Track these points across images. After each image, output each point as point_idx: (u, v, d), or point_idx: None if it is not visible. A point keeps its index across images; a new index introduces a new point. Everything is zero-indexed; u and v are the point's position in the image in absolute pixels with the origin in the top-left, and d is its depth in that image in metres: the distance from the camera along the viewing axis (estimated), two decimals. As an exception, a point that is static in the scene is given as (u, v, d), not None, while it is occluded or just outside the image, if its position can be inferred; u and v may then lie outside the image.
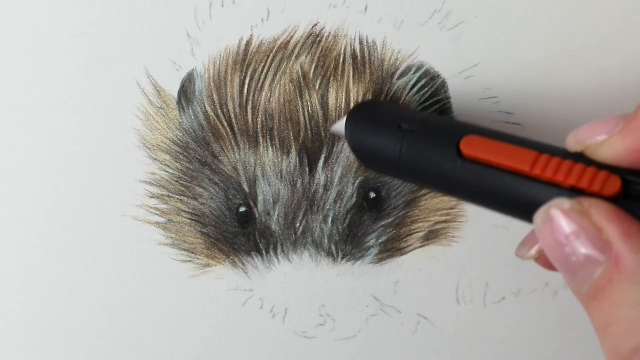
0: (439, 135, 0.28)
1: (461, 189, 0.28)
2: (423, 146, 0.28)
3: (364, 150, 0.30)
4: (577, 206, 0.24)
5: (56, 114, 0.33)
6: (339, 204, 0.34)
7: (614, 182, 0.24)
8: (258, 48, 0.33)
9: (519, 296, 0.36)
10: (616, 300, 0.22)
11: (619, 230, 0.23)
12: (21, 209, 0.34)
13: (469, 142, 0.27)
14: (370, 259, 0.35)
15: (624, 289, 0.22)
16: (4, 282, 0.35)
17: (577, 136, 0.26)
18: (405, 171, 0.29)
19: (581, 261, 0.23)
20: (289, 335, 0.37)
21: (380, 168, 0.32)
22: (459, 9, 0.32)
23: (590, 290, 0.23)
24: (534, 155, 0.26)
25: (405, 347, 0.37)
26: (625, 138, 0.24)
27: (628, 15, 0.33)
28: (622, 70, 0.33)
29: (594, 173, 0.24)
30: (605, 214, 0.23)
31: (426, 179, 0.29)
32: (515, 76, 0.33)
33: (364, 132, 0.30)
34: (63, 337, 0.36)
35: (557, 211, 0.24)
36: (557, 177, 0.25)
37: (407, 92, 0.33)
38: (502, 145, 0.26)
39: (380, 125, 0.30)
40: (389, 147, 0.29)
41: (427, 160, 0.28)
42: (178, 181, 0.34)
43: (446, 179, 0.28)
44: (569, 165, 0.25)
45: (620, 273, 0.22)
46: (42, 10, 0.32)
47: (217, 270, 0.35)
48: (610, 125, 0.25)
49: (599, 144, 0.25)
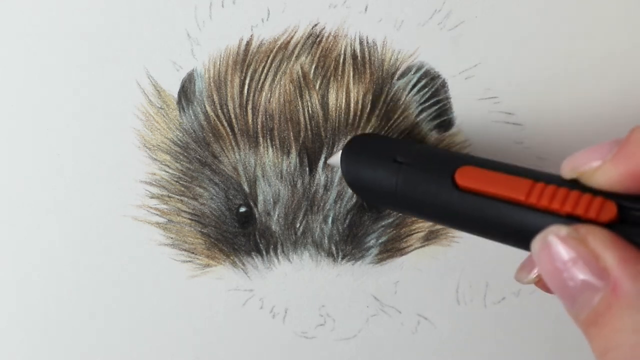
0: (434, 167, 0.28)
1: (458, 219, 0.28)
2: (419, 178, 0.28)
3: (360, 184, 0.31)
4: (574, 233, 0.24)
5: (56, 114, 0.33)
6: (339, 204, 0.34)
7: (610, 207, 0.24)
8: (258, 48, 0.33)
9: (519, 296, 0.36)
10: (615, 326, 0.22)
11: (615, 257, 0.23)
12: (21, 209, 0.34)
13: (463, 172, 0.27)
14: (370, 259, 0.35)
15: (622, 315, 0.22)
16: (4, 282, 0.36)
17: (572, 162, 0.26)
18: (402, 203, 0.30)
19: (579, 287, 0.24)
20: (289, 335, 0.37)
21: (376, 201, 0.32)
22: (459, 9, 0.32)
23: (589, 316, 0.23)
24: (529, 183, 0.26)
25: (405, 347, 0.37)
26: (618, 164, 0.24)
27: (629, 15, 0.33)
28: (622, 70, 0.33)
29: (589, 199, 0.25)
30: (601, 240, 0.23)
31: (423, 210, 0.29)
32: (515, 76, 0.33)
33: (359, 166, 0.30)
34: (63, 337, 0.36)
35: (554, 238, 0.24)
36: (553, 205, 0.25)
37: (407, 92, 0.33)
38: (496, 175, 0.27)
39: (375, 159, 0.30)
40: (385, 180, 0.29)
41: (423, 192, 0.28)
42: (178, 181, 0.34)
43: (442, 210, 0.28)
44: (564, 192, 0.25)
45: (619, 299, 0.22)
46: (42, 10, 0.32)
47: (217, 270, 0.35)
48: (603, 151, 0.25)
49: (594, 170, 0.25)
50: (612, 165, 0.24)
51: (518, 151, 0.34)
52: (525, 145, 0.34)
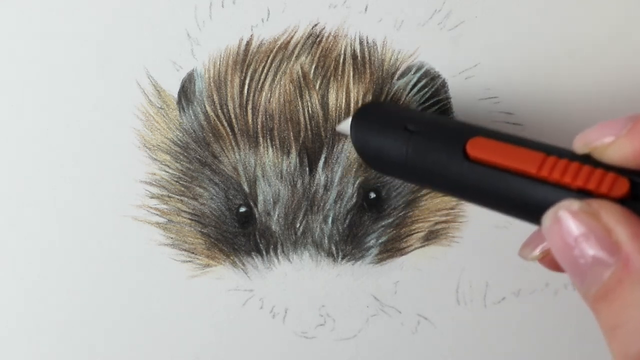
0: (445, 137, 0.28)
1: (467, 190, 0.28)
2: (429, 148, 0.28)
3: (369, 152, 0.30)
4: (586, 207, 0.24)
5: (56, 113, 0.33)
6: (339, 204, 0.34)
7: (622, 183, 0.24)
8: (258, 48, 0.33)
9: (519, 296, 0.36)
10: (625, 301, 0.22)
11: (628, 232, 0.23)
12: (21, 209, 0.34)
13: (475, 144, 0.27)
14: (370, 259, 0.35)
15: (633, 290, 0.22)
16: (4, 282, 0.35)
17: (585, 137, 0.25)
18: (411, 172, 0.29)
19: (590, 263, 0.23)
20: (289, 335, 0.37)
21: (385, 169, 0.31)
22: (459, 9, 0.32)
23: (599, 292, 0.23)
24: (541, 156, 0.26)
25: (405, 347, 0.37)
26: (633, 139, 0.24)
27: (628, 15, 0.32)
28: (622, 70, 0.33)
29: (601, 175, 0.24)
30: (614, 215, 0.23)
31: (432, 180, 0.29)
32: (515, 76, 0.33)
33: (369, 133, 0.30)
34: (63, 336, 0.36)
35: (565, 213, 0.24)
36: (565, 179, 0.25)
37: (407, 92, 0.33)
38: (508, 147, 0.26)
39: (385, 127, 0.29)
40: (395, 148, 0.29)
41: (433, 161, 0.28)
42: (178, 181, 0.34)
43: (452, 180, 0.28)
44: (576, 167, 0.25)
45: (630, 274, 0.22)
46: (42, 10, 0.32)
47: (217, 270, 0.35)
48: (618, 126, 0.25)
49: (607, 145, 0.25)
50: (626, 140, 0.24)
51: (518, 151, 0.34)
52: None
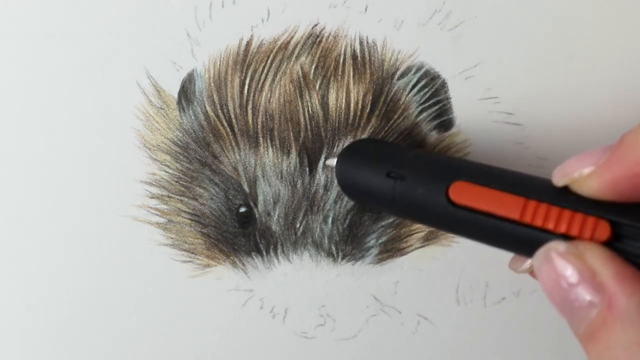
0: (428, 183, 0.28)
1: (454, 230, 0.29)
2: (413, 195, 0.29)
3: (355, 196, 0.32)
4: (572, 249, 0.24)
5: (56, 113, 0.33)
6: (339, 204, 0.34)
7: (603, 227, 0.24)
8: (258, 48, 0.33)
9: (519, 296, 0.36)
10: (609, 341, 0.23)
11: (611, 273, 0.23)
12: (21, 209, 0.34)
13: (457, 189, 0.27)
14: (370, 259, 0.35)
15: (616, 331, 0.23)
16: (4, 282, 0.35)
17: (563, 170, 0.26)
18: (397, 214, 0.31)
19: (581, 304, 0.24)
20: (289, 335, 0.37)
21: (373, 208, 0.34)
22: (459, 9, 0.32)
23: (586, 331, 0.24)
24: (522, 201, 0.26)
25: (405, 347, 0.37)
26: (610, 168, 0.24)
27: (628, 15, 0.33)
28: (622, 70, 0.33)
29: (582, 219, 0.25)
30: (597, 256, 0.24)
31: (419, 220, 0.30)
32: (515, 76, 0.33)
33: (353, 179, 0.31)
34: (63, 336, 0.36)
35: (554, 254, 0.25)
36: (548, 225, 0.25)
37: (407, 92, 0.33)
38: (489, 192, 0.27)
39: (369, 173, 0.30)
40: (379, 195, 0.30)
41: (418, 207, 0.29)
42: (178, 181, 0.34)
43: (438, 222, 0.29)
44: (557, 212, 0.25)
45: (613, 315, 0.23)
46: (42, 10, 0.32)
47: (217, 271, 0.35)
48: (595, 157, 0.25)
49: (585, 177, 0.25)
50: (603, 170, 0.24)
51: (518, 151, 0.34)
52: (525, 145, 0.34)
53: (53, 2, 0.32)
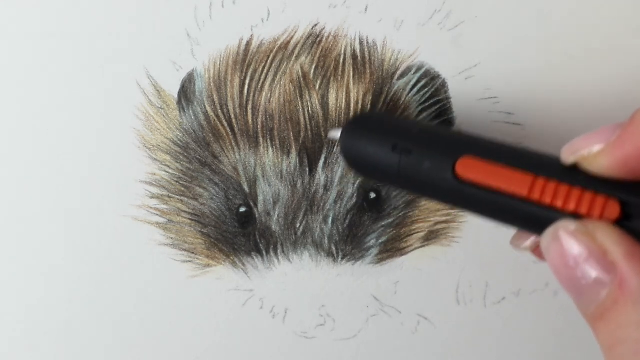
0: (434, 158, 0.28)
1: (460, 205, 0.28)
2: (419, 169, 0.28)
3: (360, 169, 0.31)
4: (583, 228, 0.24)
5: (56, 113, 0.33)
6: (339, 204, 0.34)
7: (613, 206, 0.24)
8: (258, 48, 0.33)
9: (519, 296, 0.36)
10: (621, 320, 0.23)
11: (622, 252, 0.23)
12: (21, 209, 0.34)
13: (464, 164, 0.27)
14: (370, 259, 0.35)
15: (628, 310, 0.22)
16: (4, 282, 0.35)
17: (572, 147, 0.25)
18: (402, 187, 0.30)
19: (590, 283, 0.24)
20: (289, 335, 0.37)
21: (377, 180, 0.33)
22: (459, 9, 0.32)
23: (596, 310, 0.23)
24: (530, 178, 0.26)
25: (405, 347, 0.37)
26: (621, 146, 0.24)
27: (628, 16, 0.33)
28: (622, 70, 0.33)
29: (592, 198, 0.24)
30: (608, 235, 0.23)
31: (424, 194, 0.30)
32: (515, 76, 0.33)
33: (358, 153, 0.30)
34: (63, 336, 0.36)
35: (564, 233, 0.24)
36: (556, 203, 0.25)
37: (407, 92, 0.33)
38: (497, 168, 0.26)
39: (375, 146, 0.29)
40: (385, 168, 0.29)
41: (423, 182, 0.28)
42: (178, 181, 0.34)
43: (444, 197, 0.28)
44: (566, 189, 0.25)
45: (625, 294, 0.23)
46: (42, 10, 0.32)
47: (217, 270, 0.35)
48: (605, 135, 0.24)
49: (595, 154, 0.25)
50: (614, 148, 0.24)
51: (518, 151, 0.34)
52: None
53: (53, 2, 0.32)
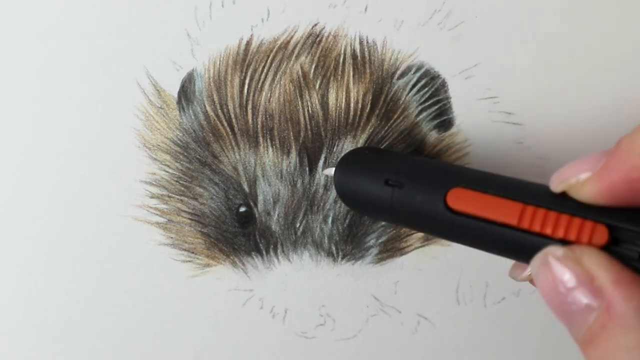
0: (426, 190, 0.28)
1: (453, 237, 0.29)
2: (411, 202, 0.29)
3: (354, 205, 0.31)
4: (570, 254, 0.24)
5: (56, 113, 0.33)
6: (339, 204, 0.34)
7: (601, 231, 0.24)
8: (258, 48, 0.33)
9: (519, 296, 0.36)
10: (609, 345, 0.23)
11: (609, 277, 0.23)
12: (21, 209, 0.34)
13: (455, 195, 0.27)
14: (370, 259, 0.35)
15: (616, 335, 0.23)
16: (4, 282, 0.35)
17: (561, 176, 0.26)
18: (396, 222, 0.31)
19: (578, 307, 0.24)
20: (289, 335, 0.37)
21: (371, 217, 0.34)
22: (459, 9, 0.32)
23: (585, 335, 0.24)
24: (520, 207, 0.26)
25: (405, 347, 0.37)
26: (607, 173, 0.24)
27: (628, 15, 0.33)
28: (622, 70, 0.33)
29: (580, 224, 0.25)
30: (595, 260, 0.24)
31: (417, 227, 0.30)
32: (515, 76, 0.33)
33: (352, 188, 0.31)
34: (63, 336, 0.36)
35: (552, 258, 0.24)
36: (545, 230, 0.25)
37: (407, 92, 0.33)
38: (487, 198, 0.27)
39: (367, 182, 0.30)
40: (378, 204, 0.30)
41: (416, 214, 0.29)
42: (178, 181, 0.34)
43: (436, 229, 0.29)
44: (555, 217, 0.25)
45: (612, 319, 0.23)
46: (42, 10, 0.32)
47: (217, 270, 0.35)
48: (592, 163, 0.25)
49: (582, 182, 0.25)
50: (600, 176, 0.24)
51: (518, 151, 0.34)
52: (525, 145, 0.34)
53: (53, 2, 0.32)
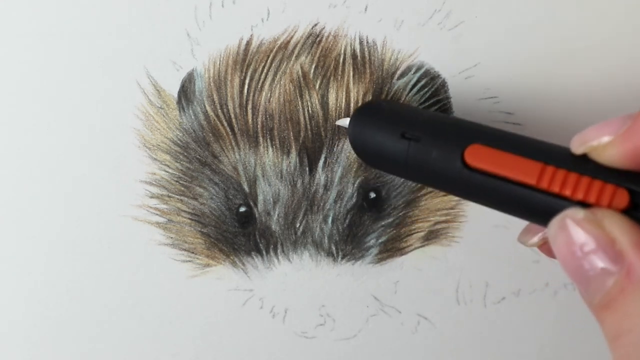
0: (443, 145, 0.28)
1: (468, 194, 0.28)
2: (428, 156, 0.28)
3: (368, 158, 0.31)
4: (591, 216, 0.24)
5: (56, 113, 0.33)
6: (339, 204, 0.34)
7: (622, 195, 0.24)
8: (258, 48, 0.33)
9: (519, 296, 0.36)
10: (628, 310, 0.22)
11: (631, 241, 0.23)
12: (21, 209, 0.34)
13: (473, 152, 0.27)
14: (370, 258, 0.35)
15: (635, 299, 0.22)
16: (4, 282, 0.35)
17: (582, 137, 0.25)
18: (410, 177, 0.30)
19: (594, 271, 0.23)
20: (289, 335, 0.37)
21: (385, 171, 0.32)
22: (459, 9, 0.32)
23: (603, 300, 0.23)
24: (539, 166, 0.25)
25: (405, 347, 0.37)
26: (630, 138, 0.24)
27: (628, 15, 0.33)
28: (622, 70, 0.33)
29: (601, 186, 0.24)
30: (617, 224, 0.23)
31: (432, 183, 0.29)
32: (515, 76, 0.33)
33: (367, 140, 0.30)
34: (63, 336, 0.36)
35: (571, 221, 0.24)
36: (565, 191, 0.25)
37: (407, 92, 0.33)
38: (506, 156, 0.26)
39: (383, 134, 0.29)
40: (393, 156, 0.29)
41: (432, 170, 0.28)
42: (178, 181, 0.34)
43: (452, 186, 0.28)
44: (575, 178, 0.25)
45: (632, 283, 0.22)
46: (42, 10, 0.32)
47: (217, 270, 0.35)
48: (615, 126, 0.24)
49: (604, 145, 0.24)
50: (624, 139, 0.24)
51: (518, 151, 0.34)
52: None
53: (53, 2, 0.32)
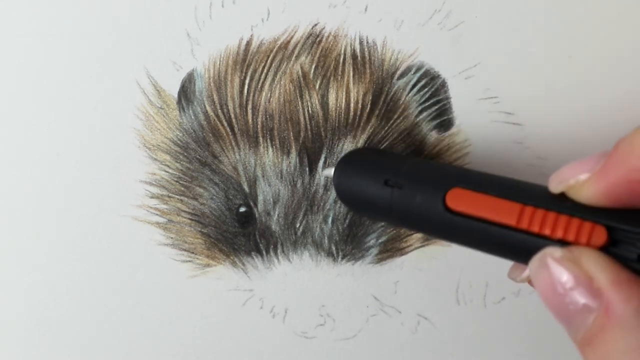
0: (425, 190, 0.28)
1: (451, 237, 0.29)
2: (410, 202, 0.29)
3: (354, 205, 0.32)
4: (568, 255, 0.24)
5: (56, 114, 0.33)
6: (339, 204, 0.34)
7: (600, 232, 0.24)
8: (258, 48, 0.33)
9: (519, 296, 0.36)
10: (608, 347, 0.23)
11: (608, 278, 0.23)
12: (21, 209, 0.34)
13: (454, 196, 0.27)
14: (370, 259, 0.35)
15: (615, 336, 0.22)
16: (4, 281, 0.35)
17: (559, 176, 0.26)
18: (395, 222, 0.30)
19: (576, 308, 0.24)
20: (289, 335, 0.37)
21: (369, 217, 0.34)
22: (459, 9, 0.32)
23: (585, 336, 0.23)
24: (518, 207, 0.26)
25: (405, 347, 0.37)
26: (606, 175, 0.24)
27: (628, 15, 0.33)
28: (621, 70, 0.33)
29: (579, 224, 0.25)
30: (594, 262, 0.24)
31: (416, 228, 0.31)
32: (515, 76, 0.33)
33: (352, 189, 0.31)
34: (63, 336, 0.36)
35: (551, 259, 0.24)
36: (544, 231, 0.25)
37: (407, 92, 0.33)
38: (486, 198, 0.27)
39: (366, 182, 0.30)
40: (377, 204, 0.30)
41: (415, 215, 0.29)
42: (178, 181, 0.34)
43: (436, 229, 0.29)
44: (554, 217, 0.25)
45: (611, 320, 0.23)
46: (42, 10, 0.32)
47: (217, 270, 0.35)
48: (591, 164, 0.25)
49: (581, 183, 0.25)
50: (599, 177, 0.24)
51: (518, 151, 0.34)
52: (525, 145, 0.34)
53: (53, 2, 0.32)
